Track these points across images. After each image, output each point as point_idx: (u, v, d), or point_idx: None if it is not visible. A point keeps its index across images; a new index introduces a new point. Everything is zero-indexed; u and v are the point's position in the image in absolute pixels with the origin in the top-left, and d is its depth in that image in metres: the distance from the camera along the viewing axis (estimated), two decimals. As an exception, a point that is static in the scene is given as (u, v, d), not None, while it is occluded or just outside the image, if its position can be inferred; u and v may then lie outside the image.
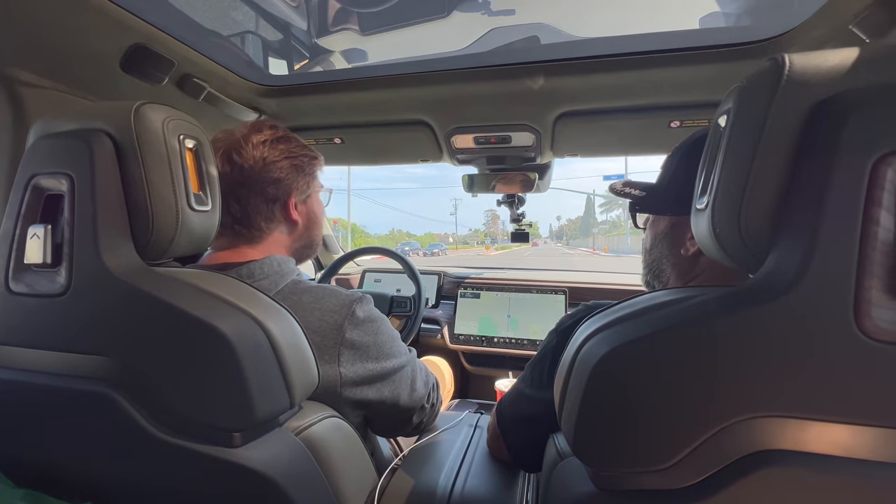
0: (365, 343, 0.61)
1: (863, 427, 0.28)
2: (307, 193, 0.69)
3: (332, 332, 0.59)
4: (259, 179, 0.62)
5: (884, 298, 0.27)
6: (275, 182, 0.64)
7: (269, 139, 0.64)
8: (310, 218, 0.70)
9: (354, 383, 0.61)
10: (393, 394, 0.66)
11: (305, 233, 0.70)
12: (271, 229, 0.65)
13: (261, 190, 0.63)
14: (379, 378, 0.63)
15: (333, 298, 0.61)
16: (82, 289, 0.43)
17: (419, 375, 0.72)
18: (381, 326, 0.65)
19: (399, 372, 0.66)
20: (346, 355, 0.59)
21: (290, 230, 0.68)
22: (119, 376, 0.43)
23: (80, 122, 0.46)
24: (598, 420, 0.34)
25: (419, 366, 0.73)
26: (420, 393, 0.71)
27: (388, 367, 0.64)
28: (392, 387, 0.65)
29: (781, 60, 0.30)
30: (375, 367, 0.62)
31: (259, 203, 0.63)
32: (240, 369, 0.41)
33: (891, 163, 0.27)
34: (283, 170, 0.64)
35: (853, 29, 0.57)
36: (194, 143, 0.49)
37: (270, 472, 0.43)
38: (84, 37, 0.64)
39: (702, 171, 0.38)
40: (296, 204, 0.67)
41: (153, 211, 0.45)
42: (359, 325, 0.61)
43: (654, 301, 0.36)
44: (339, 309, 0.60)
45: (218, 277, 0.47)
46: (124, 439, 0.43)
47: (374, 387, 0.63)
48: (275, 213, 0.65)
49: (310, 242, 0.72)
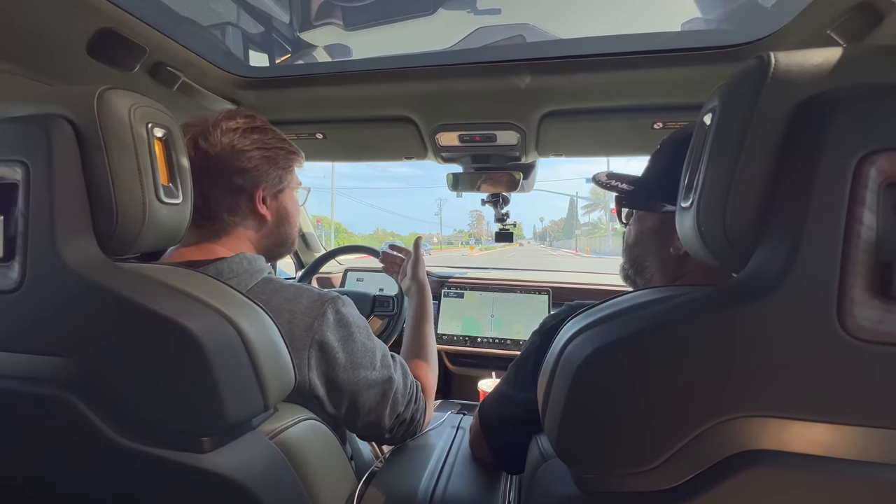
0: (333, 349, 0.57)
1: (844, 426, 0.29)
2: (279, 188, 0.65)
3: (302, 335, 0.55)
4: (224, 168, 0.59)
5: (866, 297, 0.27)
6: (241, 172, 0.60)
7: (242, 127, 0.61)
8: (281, 214, 0.66)
9: (324, 393, 0.58)
10: (365, 408, 0.61)
11: (276, 230, 0.67)
12: (236, 223, 0.62)
13: (225, 179, 0.59)
14: (348, 392, 0.59)
15: (305, 299, 0.58)
16: (37, 284, 0.40)
17: (400, 393, 0.65)
18: (354, 332, 0.60)
19: (372, 389, 0.61)
20: (314, 359, 0.56)
21: (257, 225, 0.64)
22: (78, 379, 0.40)
23: (38, 107, 0.43)
24: (582, 421, 0.34)
25: (401, 381, 0.66)
26: (399, 411, 0.65)
27: (360, 379, 0.59)
28: (363, 401, 0.60)
29: (767, 58, 0.30)
30: (343, 378, 0.58)
31: (222, 193, 0.59)
32: (209, 370, 0.39)
33: (874, 161, 0.27)
34: (253, 160, 0.60)
35: (831, 34, 0.58)
36: (164, 131, 0.46)
37: (242, 479, 0.41)
38: (45, 17, 0.60)
39: (687, 169, 0.38)
40: (264, 198, 0.63)
41: (117, 203, 0.42)
42: (329, 328, 0.57)
43: (638, 300, 0.36)
44: (310, 310, 0.57)
45: (187, 273, 0.45)
46: (84, 447, 0.41)
47: (342, 400, 0.59)
48: (240, 206, 0.61)
49: (281, 240, 0.68)
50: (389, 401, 0.63)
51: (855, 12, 0.55)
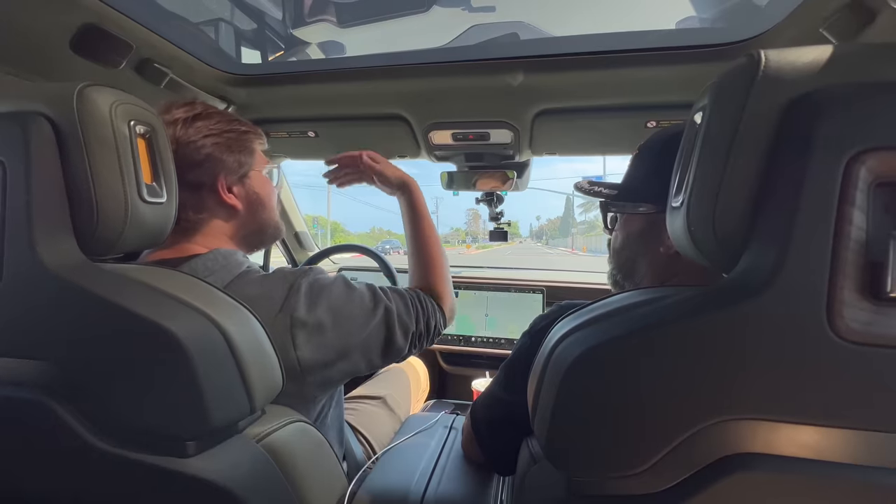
0: (318, 317, 0.56)
1: (834, 429, 0.28)
2: (241, 172, 0.61)
3: (281, 317, 0.54)
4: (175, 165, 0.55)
5: (856, 299, 0.27)
6: (194, 166, 0.56)
7: (182, 118, 0.57)
8: (251, 199, 0.62)
9: (317, 365, 0.56)
10: (377, 348, 0.60)
11: (250, 217, 0.63)
12: (205, 219, 0.59)
13: (179, 176, 0.54)
14: (352, 346, 0.58)
15: (278, 281, 0.56)
16: (13, 285, 0.39)
17: (403, 314, 0.64)
18: (332, 291, 0.58)
19: (374, 329, 0.60)
20: (300, 337, 0.54)
21: (229, 216, 0.61)
22: (57, 382, 0.39)
23: (16, 104, 0.42)
24: (572, 424, 0.33)
25: (398, 302, 0.64)
26: (410, 330, 0.64)
27: (355, 329, 0.58)
28: (372, 344, 0.60)
29: (757, 56, 0.30)
30: (336, 341, 0.57)
31: (181, 192, 0.54)
32: (192, 373, 0.38)
33: (864, 161, 0.27)
34: (202, 150, 0.57)
35: (823, 32, 0.58)
36: (147, 129, 0.45)
37: (228, 483, 0.41)
38: (27, 13, 0.59)
39: (677, 168, 0.37)
40: (228, 186, 0.60)
41: (98, 202, 0.41)
42: (303, 299, 0.55)
43: (628, 301, 0.35)
44: (283, 290, 0.55)
45: (169, 274, 0.44)
46: (64, 452, 0.40)
47: (340, 363, 0.58)
48: (203, 201, 0.58)
49: (259, 228, 0.64)
50: (396, 327, 0.62)
51: (847, 10, 0.54)
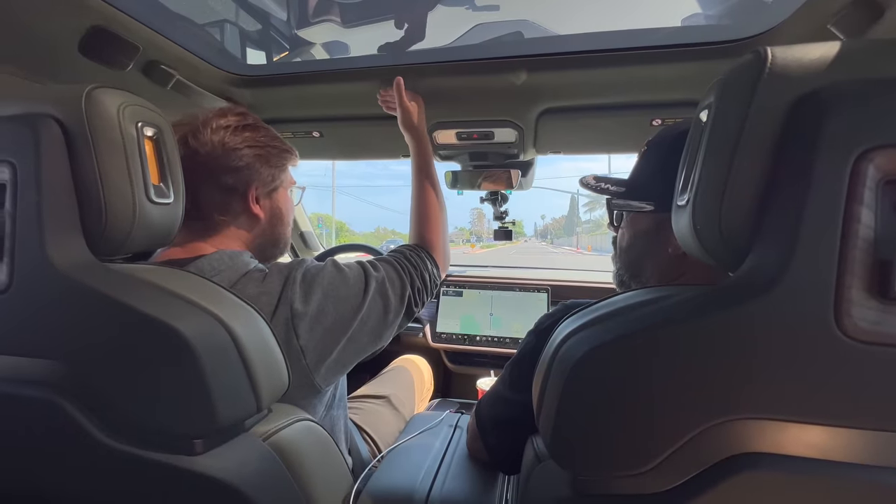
0: (315, 305, 0.57)
1: (840, 429, 0.28)
2: (272, 187, 0.65)
3: (281, 310, 0.55)
4: (214, 167, 0.59)
5: (864, 298, 0.27)
6: (233, 171, 0.60)
7: (233, 125, 0.60)
8: (274, 214, 0.66)
9: (322, 352, 0.57)
10: (377, 316, 0.62)
11: (269, 229, 0.66)
12: (227, 222, 0.61)
13: (216, 178, 0.59)
14: (345, 333, 0.59)
15: (275, 277, 0.58)
16: (25, 286, 0.40)
17: (395, 277, 0.66)
18: (325, 277, 0.60)
19: (373, 301, 0.62)
20: (302, 327, 0.56)
21: (250, 225, 0.64)
22: (67, 381, 0.40)
23: (25, 106, 0.42)
24: (577, 423, 0.33)
25: (388, 267, 0.67)
26: (406, 288, 0.66)
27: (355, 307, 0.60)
28: (375, 314, 0.62)
29: (763, 53, 0.30)
30: (336, 325, 0.59)
31: (213, 192, 0.59)
32: (200, 373, 0.38)
33: (872, 159, 0.26)
34: (244, 158, 0.60)
35: (831, 28, 0.57)
36: (154, 130, 0.46)
37: (235, 481, 0.41)
38: (36, 16, 0.60)
39: (683, 166, 0.37)
40: (257, 197, 0.63)
41: (106, 203, 0.42)
42: (301, 289, 0.57)
43: (633, 300, 0.35)
44: (280, 283, 0.57)
45: (178, 274, 0.45)
46: (74, 450, 0.40)
47: (344, 345, 0.59)
48: (231, 205, 0.61)
49: (274, 240, 0.67)
50: (391, 295, 0.64)
51: (855, 6, 0.54)
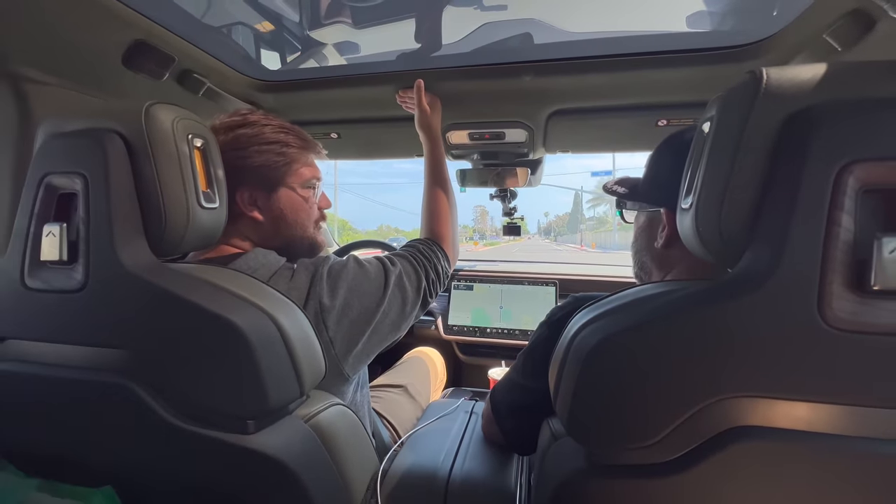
0: (341, 299, 0.59)
1: (822, 404, 0.32)
2: (268, 188, 0.62)
3: (311, 305, 0.58)
4: None
5: (843, 292, 0.31)
6: (231, 172, 0.57)
7: (219, 128, 0.60)
8: (275, 215, 0.63)
9: (349, 344, 0.60)
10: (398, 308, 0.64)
11: (273, 232, 0.64)
12: (232, 225, 0.59)
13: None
14: (369, 325, 0.62)
15: (302, 273, 0.60)
16: (99, 284, 0.45)
17: (412, 269, 0.67)
18: (349, 272, 0.62)
19: (392, 295, 0.64)
20: (330, 320, 0.59)
21: (252, 227, 0.63)
22: (137, 368, 0.45)
23: (91, 122, 0.47)
24: (592, 403, 0.37)
25: (404, 261, 0.68)
26: (422, 279, 0.68)
27: (377, 301, 0.62)
28: (394, 307, 0.64)
29: (759, 74, 0.33)
30: (361, 317, 0.61)
31: None
32: (254, 361, 0.43)
33: (852, 171, 0.30)
34: (227, 163, 0.56)
35: (826, 38, 0.60)
36: (202, 142, 0.50)
37: (283, 457, 0.46)
38: (87, 33, 0.64)
39: (686, 172, 0.41)
40: (255, 199, 0.61)
41: (165, 209, 0.46)
42: (326, 285, 0.59)
43: (641, 294, 0.39)
44: (307, 279, 0.59)
45: (227, 272, 0.49)
46: (143, 428, 0.45)
47: (369, 336, 0.62)
48: (229, 209, 0.58)
49: (285, 244, 0.65)
50: (408, 288, 0.66)
51: (848, 18, 0.57)
